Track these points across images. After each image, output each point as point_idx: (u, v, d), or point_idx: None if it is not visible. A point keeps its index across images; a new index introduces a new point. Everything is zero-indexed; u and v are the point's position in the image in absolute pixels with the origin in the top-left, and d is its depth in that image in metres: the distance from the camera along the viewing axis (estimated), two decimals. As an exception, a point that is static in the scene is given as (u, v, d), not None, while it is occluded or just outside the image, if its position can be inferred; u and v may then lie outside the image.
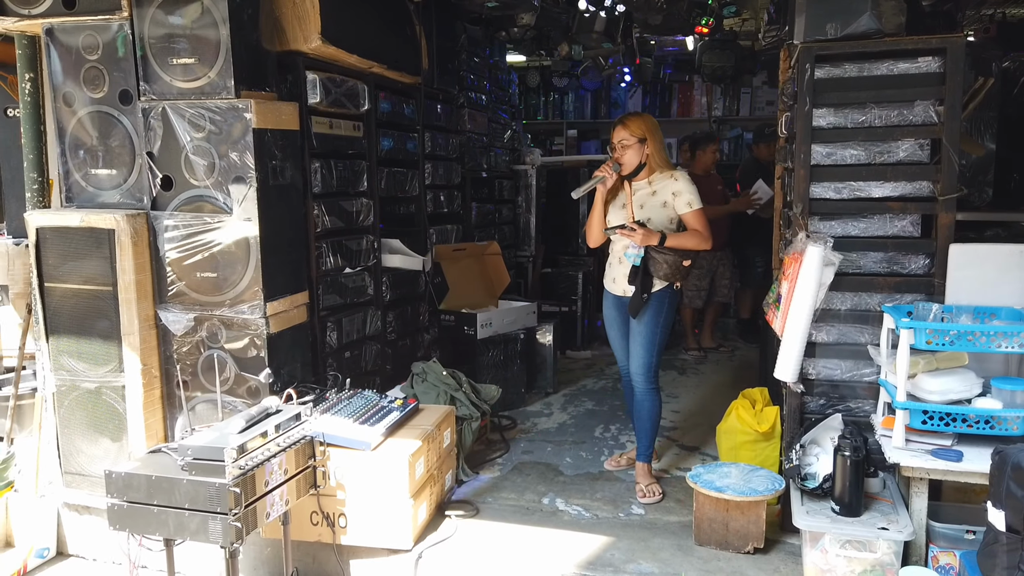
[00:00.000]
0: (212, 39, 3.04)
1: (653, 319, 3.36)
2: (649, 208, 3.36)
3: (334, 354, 3.70)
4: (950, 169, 2.78)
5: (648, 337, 3.37)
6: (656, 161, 3.40)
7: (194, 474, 2.47)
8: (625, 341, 3.53)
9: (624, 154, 3.37)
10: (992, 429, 2.49)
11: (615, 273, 3.50)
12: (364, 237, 3.95)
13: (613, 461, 3.82)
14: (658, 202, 3.36)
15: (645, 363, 3.40)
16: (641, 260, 3.28)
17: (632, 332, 3.43)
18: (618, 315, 3.53)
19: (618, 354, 3.64)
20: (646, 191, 3.40)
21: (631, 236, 3.25)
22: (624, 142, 3.37)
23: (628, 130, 3.38)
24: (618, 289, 3.48)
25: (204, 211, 3.13)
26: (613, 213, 3.46)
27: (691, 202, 3.32)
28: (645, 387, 3.43)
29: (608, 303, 3.58)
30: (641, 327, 3.38)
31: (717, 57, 7.00)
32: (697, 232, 3.31)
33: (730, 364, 5.89)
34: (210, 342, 3.23)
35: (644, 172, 3.41)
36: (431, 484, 3.20)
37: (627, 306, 3.41)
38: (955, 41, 2.75)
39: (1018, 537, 2.00)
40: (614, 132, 3.43)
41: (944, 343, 2.51)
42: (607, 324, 3.61)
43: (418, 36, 4.44)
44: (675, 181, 3.36)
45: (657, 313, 3.36)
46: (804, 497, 2.77)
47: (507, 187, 6.12)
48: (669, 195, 3.35)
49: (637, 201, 3.38)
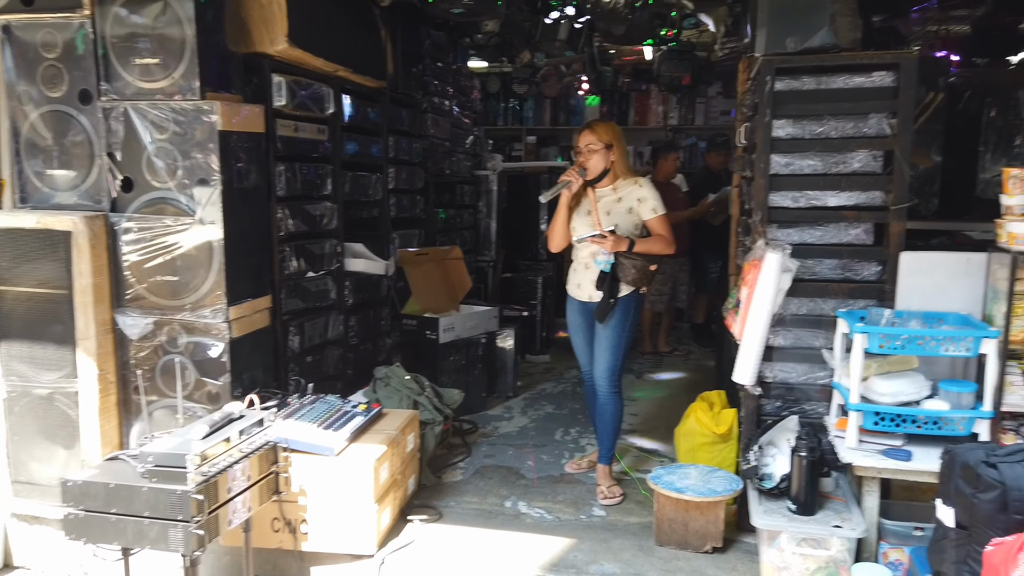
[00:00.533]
0: (177, 39, 3.01)
1: (619, 324, 3.40)
2: (616, 215, 3.39)
3: (296, 359, 3.67)
4: (901, 180, 2.89)
5: (614, 341, 3.41)
6: (620, 168, 3.45)
7: (155, 481, 2.43)
8: (589, 347, 3.56)
9: (590, 159, 3.40)
10: (940, 429, 2.60)
11: (580, 279, 3.52)
12: (327, 241, 3.93)
13: (574, 464, 3.86)
14: (624, 208, 3.40)
15: (610, 366, 3.44)
16: (611, 266, 3.31)
17: (597, 337, 3.47)
18: (583, 320, 3.55)
19: (582, 359, 3.66)
20: (611, 197, 3.43)
21: (602, 243, 3.28)
22: (591, 147, 3.40)
23: (596, 135, 3.40)
24: (583, 295, 3.50)
25: (166, 214, 3.09)
26: (577, 219, 3.48)
27: (655, 208, 3.38)
28: (608, 390, 3.47)
29: (572, 309, 3.59)
30: (607, 332, 3.41)
31: (675, 67, 7.15)
32: (662, 237, 3.37)
33: (685, 367, 5.99)
34: (169, 347, 3.18)
35: (608, 178, 3.44)
36: (395, 489, 3.20)
37: (592, 311, 3.44)
38: (908, 57, 2.87)
39: (966, 533, 2.10)
40: (580, 137, 3.45)
41: (895, 347, 2.61)
42: (571, 330, 3.63)
43: (383, 40, 4.44)
44: (640, 188, 3.41)
45: (623, 318, 3.40)
46: (761, 497, 2.84)
47: (468, 192, 6.14)
48: (634, 201, 3.39)
49: (603, 208, 3.41)
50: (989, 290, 2.71)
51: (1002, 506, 2.02)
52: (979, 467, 2.06)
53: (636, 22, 4.55)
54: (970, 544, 2.08)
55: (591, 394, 3.66)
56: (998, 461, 2.06)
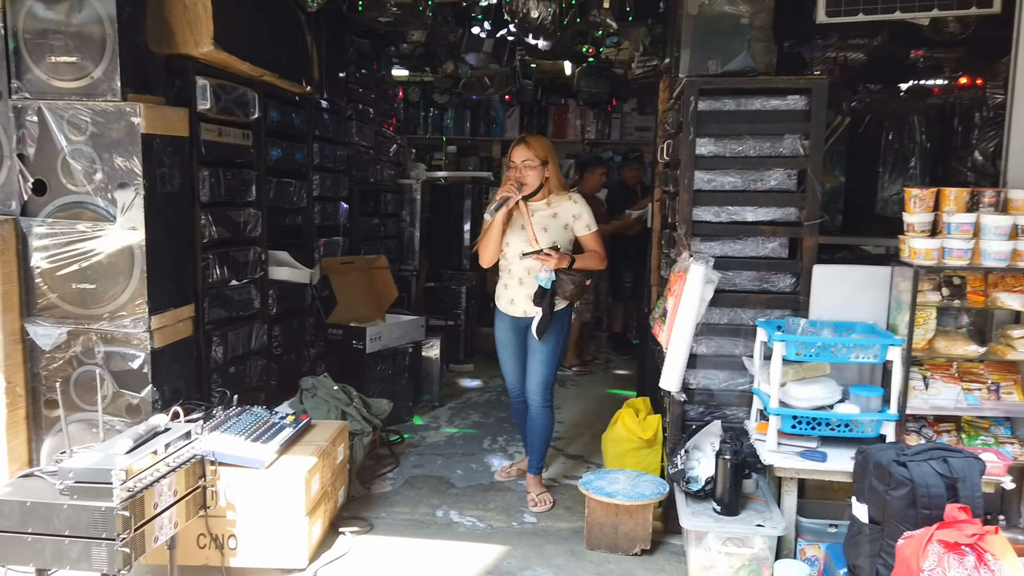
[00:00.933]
0: (97, 37, 2.90)
1: (554, 338, 3.42)
2: (553, 231, 3.38)
3: (219, 369, 3.57)
4: (814, 197, 3.07)
5: (549, 355, 3.44)
6: (554, 183, 3.45)
7: (76, 498, 2.33)
8: (520, 363, 3.55)
9: (527, 175, 3.37)
10: (851, 432, 2.77)
11: (513, 295, 3.48)
12: (252, 248, 3.84)
13: (504, 472, 3.89)
14: (560, 224, 3.40)
15: (544, 380, 3.47)
16: (551, 283, 3.31)
17: (532, 351, 3.47)
18: (514, 336, 3.53)
19: (510, 376, 3.63)
20: (546, 212, 3.42)
21: (546, 261, 3.28)
22: (528, 163, 3.37)
23: (532, 151, 3.38)
24: (517, 310, 3.48)
25: (83, 218, 2.96)
26: (511, 234, 3.44)
27: (589, 224, 3.42)
28: (541, 403, 3.50)
29: (503, 325, 3.55)
30: (542, 346, 3.41)
31: (594, 83, 7.34)
32: (596, 253, 3.43)
33: (606, 376, 6.13)
34: (85, 358, 3.05)
35: (541, 193, 3.43)
36: (325, 501, 3.16)
37: (525, 327, 3.45)
38: (819, 82, 3.06)
39: (879, 528, 2.25)
40: (515, 151, 3.41)
41: (811, 355, 2.77)
42: (501, 346, 3.59)
43: (309, 46, 4.39)
44: (574, 204, 3.43)
45: (558, 332, 3.43)
46: (688, 499, 2.95)
47: (392, 201, 6.11)
48: (570, 217, 3.41)
49: (538, 223, 3.39)
50: (893, 301, 2.92)
51: (911, 502, 2.18)
52: (891, 466, 2.22)
53: (562, 38, 4.66)
54: (883, 538, 2.24)
55: (520, 409, 3.67)
56: (907, 460, 2.22)
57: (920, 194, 2.79)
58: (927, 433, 2.84)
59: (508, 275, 3.52)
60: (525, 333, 3.49)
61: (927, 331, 2.77)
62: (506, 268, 3.53)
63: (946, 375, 2.83)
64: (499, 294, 3.58)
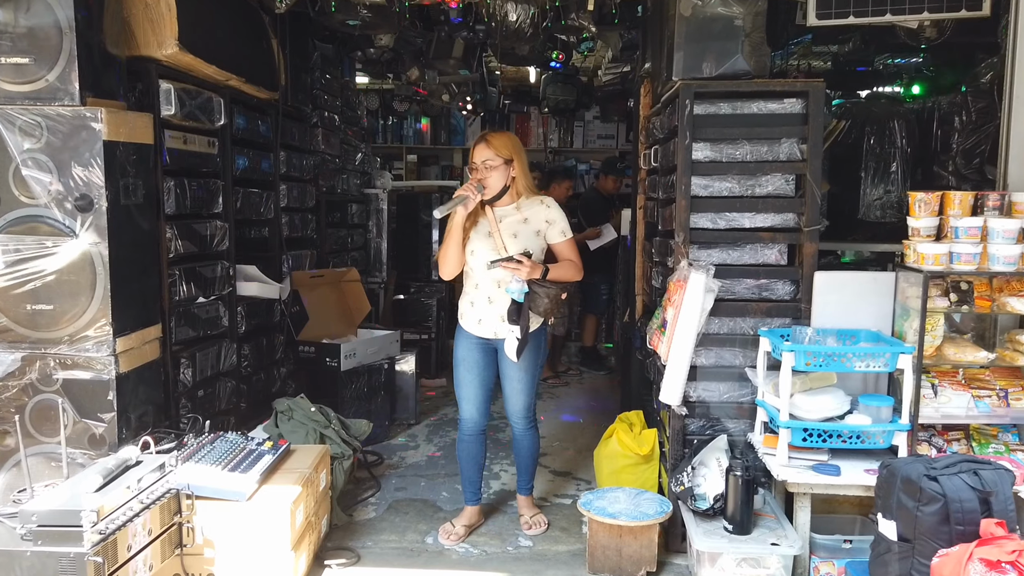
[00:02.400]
0: (51, 37, 2.66)
1: (532, 359, 3.13)
2: (524, 238, 3.07)
3: (188, 393, 3.34)
4: (813, 202, 3.00)
5: (528, 381, 3.18)
6: (522, 184, 3.12)
7: (41, 544, 2.11)
8: (483, 388, 3.22)
9: (489, 176, 3.04)
10: (863, 443, 2.69)
11: (481, 314, 3.13)
12: (219, 263, 3.62)
13: (449, 535, 3.25)
14: (531, 230, 3.10)
15: (526, 404, 3.22)
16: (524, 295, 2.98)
17: (507, 377, 3.18)
18: (481, 358, 3.18)
19: (467, 404, 3.24)
20: (515, 218, 3.11)
21: (517, 269, 2.94)
22: (489, 163, 3.04)
23: (493, 149, 3.05)
24: (486, 331, 3.13)
25: (39, 233, 2.71)
26: (477, 242, 3.11)
27: (564, 231, 3.14)
28: (525, 427, 3.28)
29: (468, 345, 3.19)
30: (520, 371, 3.14)
31: (560, 90, 7.25)
32: (572, 263, 3.13)
33: (581, 388, 6.01)
34: (42, 385, 2.79)
35: (508, 196, 3.11)
36: (309, 532, 2.95)
37: (495, 349, 3.16)
38: (816, 85, 2.99)
39: (909, 545, 2.16)
40: (475, 151, 3.09)
41: (819, 364, 2.68)
42: (464, 368, 3.21)
43: (275, 50, 4.18)
44: (548, 208, 3.14)
45: (536, 353, 3.15)
46: (696, 518, 2.83)
47: (357, 211, 5.91)
48: (543, 223, 3.11)
49: (507, 229, 3.08)
50: (898, 307, 2.85)
51: (944, 518, 2.09)
52: (921, 480, 2.13)
53: (535, 43, 4.54)
54: (914, 556, 2.14)
55: (471, 448, 3.28)
56: (937, 474, 2.13)
57: (925, 198, 2.73)
58: (937, 442, 2.77)
59: (475, 290, 3.15)
60: (494, 355, 3.19)
61: (935, 338, 2.71)
62: (472, 282, 3.17)
63: (954, 382, 2.77)
64: (463, 311, 3.21)
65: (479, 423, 3.28)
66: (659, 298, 3.40)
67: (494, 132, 3.18)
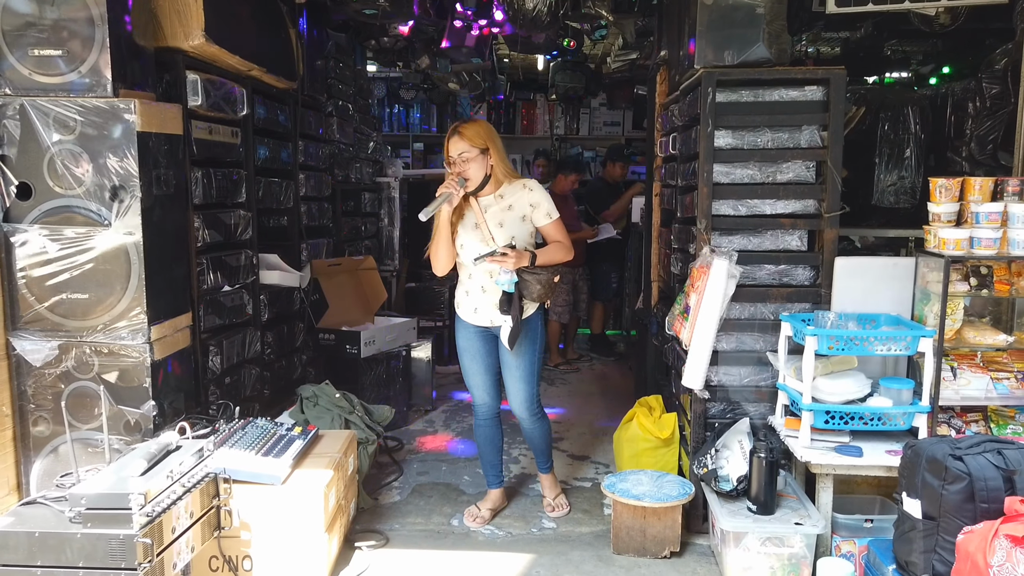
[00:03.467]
0: (84, 31, 2.70)
1: (530, 348, 3.14)
2: (510, 225, 3.05)
3: (216, 380, 3.39)
4: (833, 188, 3.04)
5: (527, 370, 3.17)
6: (501, 171, 3.07)
7: (90, 526, 2.15)
8: (490, 374, 3.24)
9: (468, 168, 3.00)
10: (884, 425, 2.75)
11: (476, 303, 3.14)
12: (243, 252, 3.66)
13: (475, 517, 3.33)
14: (516, 216, 3.08)
15: (528, 395, 3.21)
16: (514, 285, 2.99)
17: (507, 367, 3.18)
18: (482, 346, 3.20)
19: (478, 391, 3.27)
20: (499, 206, 3.08)
21: (503, 262, 2.95)
22: (465, 155, 3.00)
23: (467, 140, 3.01)
24: (482, 319, 3.15)
25: (74, 223, 2.75)
26: (464, 235, 3.10)
27: (550, 212, 3.11)
28: (530, 417, 3.26)
29: (468, 334, 3.21)
30: (518, 360, 3.14)
31: (569, 77, 7.28)
32: (561, 244, 3.10)
33: (592, 374, 6.07)
34: (79, 373, 2.84)
35: (490, 185, 3.07)
36: (340, 515, 3.01)
37: (494, 336, 3.18)
38: (837, 73, 3.02)
39: (934, 523, 2.21)
40: (449, 144, 3.04)
41: (841, 348, 2.73)
42: (468, 357, 3.23)
43: (292, 40, 4.20)
44: (530, 192, 3.10)
45: (533, 340, 3.15)
46: (720, 499, 2.90)
47: (370, 200, 5.94)
48: (527, 207, 3.09)
49: (493, 219, 3.05)
50: (918, 291, 2.90)
51: (969, 496, 2.14)
52: (946, 460, 2.18)
53: (549, 32, 4.56)
54: (938, 534, 2.20)
55: (488, 433, 3.31)
56: (962, 454, 2.19)
57: (946, 183, 2.77)
58: (956, 424, 2.83)
59: (469, 280, 3.16)
60: (495, 342, 3.20)
61: (955, 321, 2.76)
62: (465, 272, 3.17)
63: (972, 365, 2.83)
64: (460, 301, 3.22)
65: (492, 407, 3.30)
66: (678, 284, 3.45)
67: (464, 123, 3.10)
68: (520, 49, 5.37)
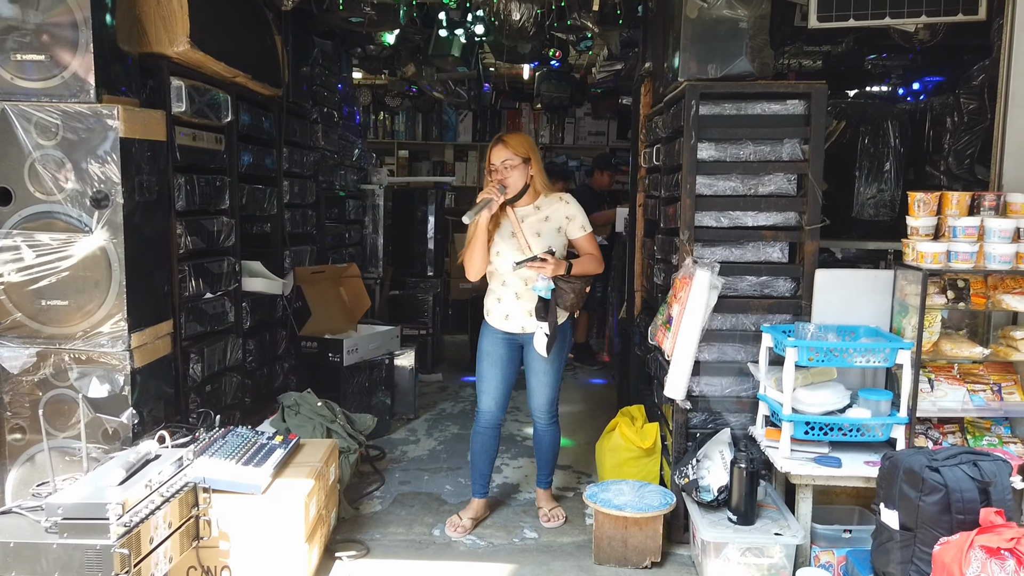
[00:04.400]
0: (67, 35, 2.68)
1: (558, 354, 3.23)
2: (547, 235, 3.16)
3: (197, 388, 3.36)
4: (814, 201, 3.08)
5: (554, 373, 3.27)
6: (540, 183, 3.21)
7: (66, 536, 2.13)
8: (505, 382, 3.30)
9: (509, 176, 3.13)
10: (863, 436, 2.77)
11: (508, 310, 3.21)
12: (225, 259, 3.64)
13: (456, 527, 3.32)
14: (553, 227, 3.19)
15: (551, 398, 3.32)
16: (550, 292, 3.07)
17: (533, 370, 3.27)
18: (505, 353, 3.27)
19: (488, 396, 3.30)
20: (537, 216, 3.20)
21: (542, 268, 3.03)
22: (508, 162, 3.13)
23: (511, 149, 3.14)
24: (514, 326, 3.22)
25: (54, 229, 2.73)
26: (501, 243, 3.19)
27: (584, 225, 3.23)
28: (547, 421, 3.36)
29: (495, 340, 3.27)
30: (547, 364, 3.23)
31: (554, 87, 7.30)
32: (593, 256, 3.22)
33: (575, 383, 6.08)
34: (57, 380, 2.81)
35: (528, 196, 3.21)
36: (321, 525, 3.00)
37: (520, 344, 3.26)
38: (818, 87, 3.06)
39: (911, 534, 2.24)
40: (493, 152, 3.17)
41: (821, 359, 2.76)
42: (489, 363, 3.28)
43: (278, 47, 4.20)
44: (566, 204, 3.23)
45: (561, 347, 3.24)
46: (701, 509, 2.91)
47: (354, 207, 5.93)
48: (563, 219, 3.21)
49: (530, 228, 3.17)
50: (897, 304, 2.94)
51: (946, 507, 2.17)
52: (923, 471, 2.21)
53: (535, 42, 4.59)
54: (915, 544, 2.23)
55: (487, 441, 3.34)
56: (939, 465, 2.22)
57: (924, 198, 2.81)
58: (933, 435, 2.87)
59: (502, 287, 3.24)
60: (519, 351, 3.29)
61: (932, 334, 2.80)
62: (498, 280, 3.25)
63: (949, 376, 2.87)
64: (490, 308, 3.29)
65: (496, 416, 3.34)
66: (660, 294, 3.47)
67: (509, 133, 3.28)
68: (506, 59, 5.39)
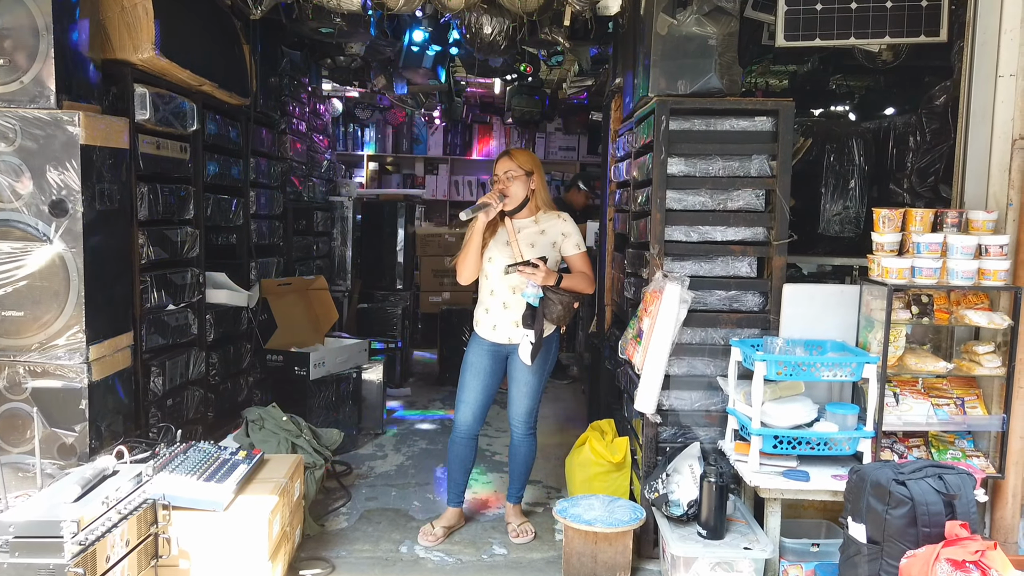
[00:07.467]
0: (28, 40, 2.63)
1: (541, 365, 3.26)
2: (541, 248, 3.20)
3: (157, 402, 3.29)
4: (782, 217, 3.11)
5: (535, 385, 3.30)
6: (541, 198, 3.30)
7: (18, 555, 2.06)
8: (485, 393, 3.32)
9: (511, 186, 3.21)
10: (830, 450, 2.79)
11: (496, 319, 3.26)
12: (189, 270, 3.58)
13: (428, 536, 3.32)
14: (548, 242, 3.23)
15: (529, 409, 3.34)
16: (539, 300, 3.11)
17: (515, 380, 3.30)
18: (489, 364, 3.30)
19: (466, 408, 3.32)
20: (534, 230, 3.26)
21: (533, 274, 3.07)
22: (511, 173, 3.22)
23: (515, 161, 3.25)
24: (500, 336, 3.26)
25: (11, 238, 2.66)
26: (495, 250, 3.24)
27: (579, 244, 3.28)
28: (525, 432, 3.37)
29: (481, 350, 3.31)
30: (528, 375, 3.25)
31: (526, 102, 7.33)
32: (585, 275, 3.25)
33: (545, 397, 6.02)
34: (10, 393, 2.73)
35: (528, 209, 3.27)
36: (285, 542, 2.93)
37: (506, 355, 3.29)
38: (786, 104, 3.10)
39: (878, 547, 2.25)
40: (498, 164, 3.28)
41: (789, 373, 2.78)
42: (472, 374, 3.31)
43: (246, 56, 4.15)
44: (564, 222, 3.29)
45: (545, 359, 3.26)
46: (671, 524, 2.90)
47: (323, 219, 5.87)
48: (559, 236, 3.25)
49: (525, 239, 3.22)
50: (863, 319, 2.97)
51: (912, 520, 2.19)
52: (890, 485, 2.23)
53: (507, 56, 4.60)
54: (882, 558, 2.24)
55: (462, 449, 3.35)
56: (905, 479, 2.23)
57: (889, 214, 2.85)
58: (899, 449, 2.90)
59: (491, 297, 3.28)
60: (504, 361, 3.31)
61: (898, 348, 2.83)
62: (488, 290, 3.30)
63: (914, 391, 2.90)
64: (479, 318, 3.33)
65: (473, 428, 3.36)
66: (631, 308, 3.47)
67: (516, 148, 3.45)
68: (477, 72, 5.40)
